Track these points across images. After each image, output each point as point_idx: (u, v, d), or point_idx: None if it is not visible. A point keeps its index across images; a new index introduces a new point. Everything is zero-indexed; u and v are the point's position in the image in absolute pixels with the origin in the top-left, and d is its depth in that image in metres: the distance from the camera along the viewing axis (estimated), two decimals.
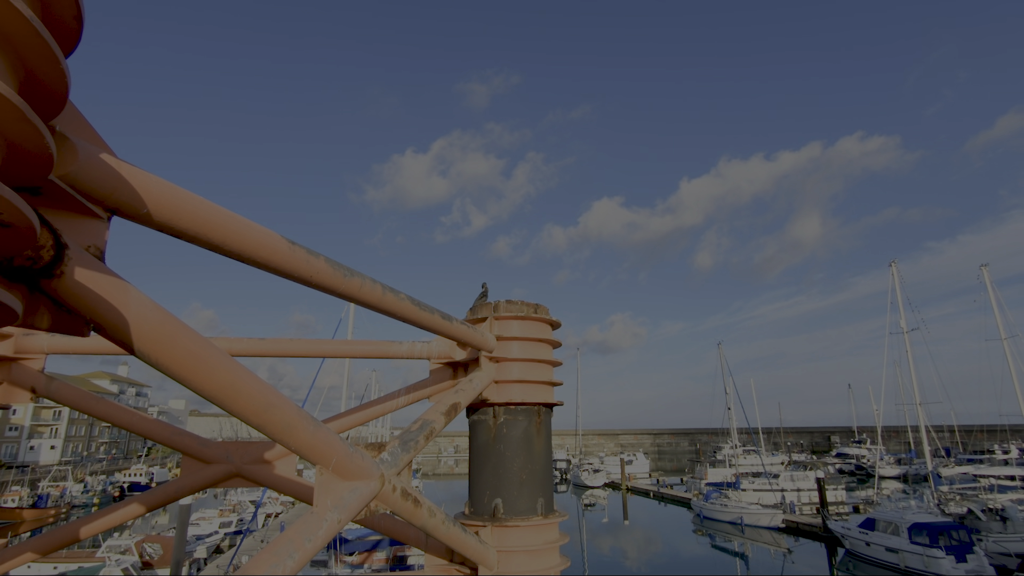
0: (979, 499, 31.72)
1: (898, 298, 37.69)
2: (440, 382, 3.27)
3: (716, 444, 75.50)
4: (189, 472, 3.01)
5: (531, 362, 3.10)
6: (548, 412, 3.18)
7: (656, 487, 59.71)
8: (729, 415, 54.76)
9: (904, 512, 28.95)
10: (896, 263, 38.19)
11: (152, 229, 1.24)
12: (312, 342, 3.30)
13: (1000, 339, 34.44)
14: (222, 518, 37.45)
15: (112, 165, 1.09)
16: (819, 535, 35.29)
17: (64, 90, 0.90)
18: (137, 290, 1.13)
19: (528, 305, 3.17)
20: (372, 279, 1.93)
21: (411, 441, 2.16)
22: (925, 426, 36.03)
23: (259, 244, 1.43)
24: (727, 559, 34.28)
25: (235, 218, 1.36)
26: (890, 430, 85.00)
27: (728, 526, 40.09)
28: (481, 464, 3.00)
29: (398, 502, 2.01)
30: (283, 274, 1.58)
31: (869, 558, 29.07)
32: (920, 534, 26.45)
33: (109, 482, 67.10)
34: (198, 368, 1.25)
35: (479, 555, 2.62)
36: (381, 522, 2.94)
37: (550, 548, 2.92)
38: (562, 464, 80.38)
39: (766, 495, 44.76)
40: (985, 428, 67.41)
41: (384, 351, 3.28)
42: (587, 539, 39.46)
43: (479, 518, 2.90)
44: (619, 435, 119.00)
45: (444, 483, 75.12)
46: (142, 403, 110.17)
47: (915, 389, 36.51)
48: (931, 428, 37.00)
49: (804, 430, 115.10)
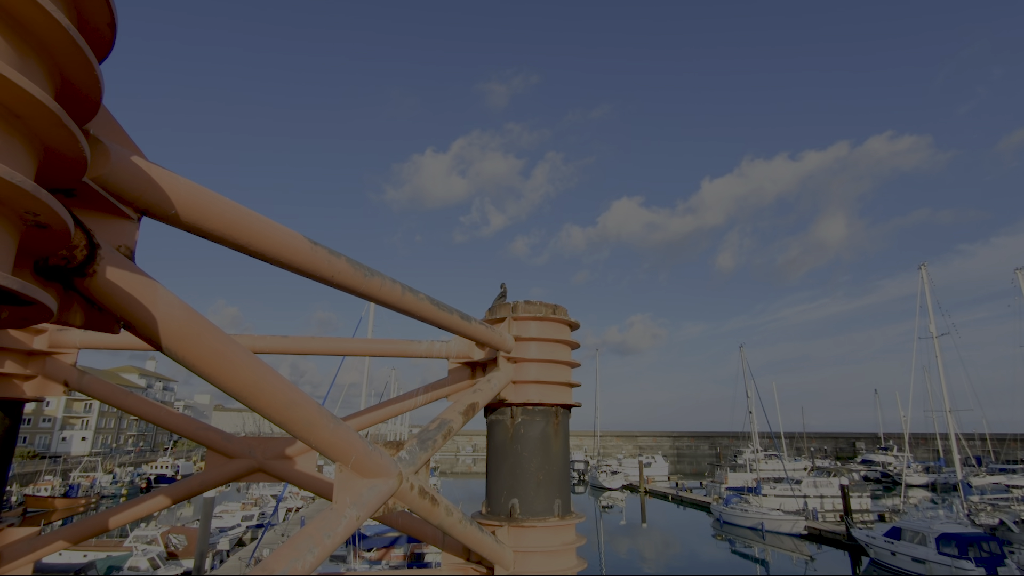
0: (1012, 510, 30.69)
1: (928, 302, 36.70)
2: (458, 381, 3.29)
3: (737, 448, 74.40)
4: (213, 466, 3.08)
5: (549, 363, 3.10)
6: (566, 413, 3.17)
7: (675, 490, 59.13)
8: (750, 419, 53.89)
9: (932, 522, 28.18)
10: (926, 266, 37.19)
11: (181, 230, 1.27)
12: (333, 340, 3.34)
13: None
14: (244, 511, 38.18)
15: (142, 167, 1.12)
16: (842, 543, 34.53)
17: (98, 95, 0.93)
18: (165, 289, 1.16)
19: (546, 306, 3.17)
20: (392, 279, 1.96)
21: (429, 440, 2.18)
22: (955, 434, 34.99)
23: (282, 244, 1.46)
24: (747, 565, 33.77)
25: (259, 219, 1.39)
26: (918, 437, 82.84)
27: (748, 531, 39.47)
28: (498, 464, 3.01)
29: (416, 500, 2.03)
30: (305, 274, 1.61)
31: (894, 568, 28.34)
32: (948, 545, 25.69)
33: (137, 474, 68.91)
34: (222, 365, 1.28)
35: (495, 555, 2.62)
36: (399, 520, 2.96)
37: (567, 549, 2.92)
38: (580, 465, 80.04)
39: (788, 501, 43.93)
40: (1019, 437, 65.20)
41: (403, 350, 3.31)
42: (604, 541, 39.22)
43: (496, 518, 2.91)
44: (638, 437, 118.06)
45: (462, 482, 75.42)
46: (168, 397, 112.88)
47: (945, 395, 35.53)
48: (961, 436, 35.94)
49: (828, 435, 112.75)
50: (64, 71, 0.88)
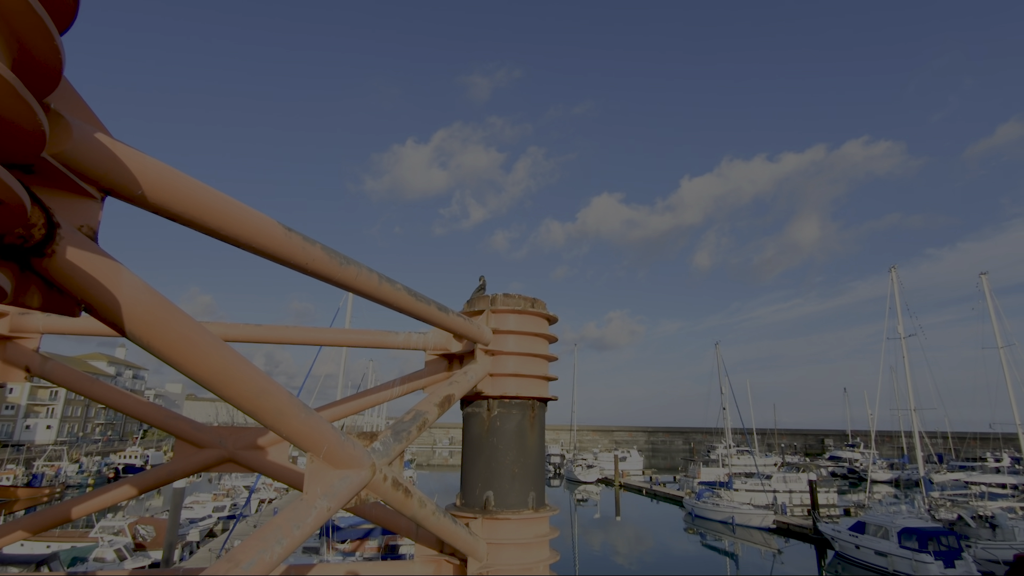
0: (969, 506, 31.90)
1: (897, 304, 37.71)
2: (435, 373, 3.27)
3: (710, 443, 75.80)
4: (182, 456, 3.01)
5: (527, 356, 3.10)
6: (542, 407, 3.18)
7: (649, 484, 60.02)
8: (724, 415, 54.93)
9: (895, 516, 29.11)
10: (896, 268, 38.19)
11: (148, 211, 1.23)
12: (309, 330, 3.29)
13: (997, 347, 34.53)
14: (216, 502, 37.65)
15: (107, 145, 1.08)
16: (809, 537, 35.49)
17: (58, 66, 0.89)
18: (130, 272, 1.12)
19: (525, 299, 3.17)
20: (368, 268, 1.93)
21: (403, 431, 2.16)
22: (919, 432, 36.14)
23: (255, 229, 1.42)
24: (717, 558, 34.48)
25: (231, 202, 1.35)
26: (884, 435, 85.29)
27: (719, 525, 40.30)
28: (474, 456, 3.01)
29: (389, 492, 2.01)
30: (279, 260, 1.57)
31: (858, 561, 29.24)
32: (909, 539, 26.60)
33: (104, 463, 67.32)
34: (190, 352, 1.24)
35: (469, 546, 2.62)
36: (372, 511, 2.94)
37: (540, 541, 2.93)
38: (556, 459, 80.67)
39: (758, 496, 44.95)
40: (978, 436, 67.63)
41: (380, 341, 3.27)
42: (579, 534, 39.65)
43: (470, 510, 2.91)
44: (614, 431, 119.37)
45: (438, 474, 75.44)
46: (139, 386, 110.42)
47: (910, 395, 36.61)
48: (924, 434, 37.16)
49: (799, 432, 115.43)
50: (22, 39, 0.84)
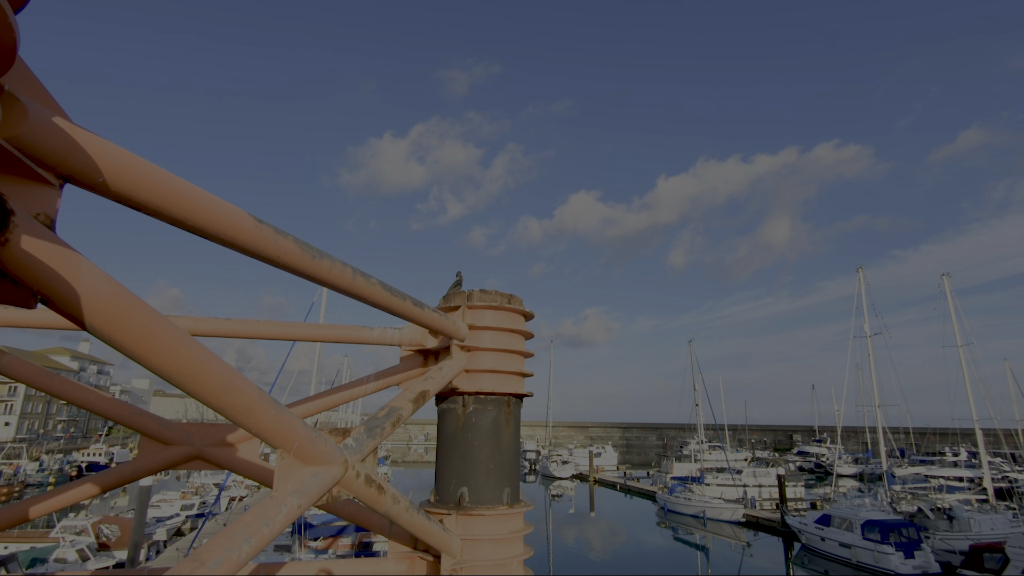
0: (929, 499, 33.11)
1: (863, 303, 38.83)
2: (410, 369, 3.24)
3: (683, 439, 76.97)
4: (147, 453, 2.93)
5: (503, 352, 3.09)
6: (518, 403, 3.18)
7: (623, 480, 60.71)
8: (697, 411, 55.81)
9: (858, 509, 30.04)
10: (863, 269, 39.29)
11: (110, 200, 1.19)
12: (281, 324, 3.23)
13: (956, 346, 35.77)
14: (184, 500, 36.81)
15: (66, 130, 1.03)
16: (777, 530, 36.39)
17: (12, 45, 0.85)
18: (89, 262, 1.08)
19: (502, 295, 3.16)
20: (342, 262, 1.90)
21: (377, 427, 2.14)
22: (882, 427, 37.32)
23: (224, 220, 1.38)
24: (688, 551, 35.09)
25: (198, 192, 1.31)
26: (849, 430, 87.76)
27: (691, 519, 41.02)
28: (448, 452, 3.00)
29: (361, 488, 1.99)
30: (249, 253, 1.54)
31: (824, 553, 30.10)
32: (872, 531, 27.49)
33: (66, 461, 65.21)
34: (154, 346, 1.21)
35: (443, 543, 2.61)
36: (345, 508, 2.91)
37: (514, 537, 2.94)
38: (531, 455, 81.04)
39: (729, 490, 45.91)
40: (938, 431, 70.15)
41: (355, 336, 3.23)
42: (553, 529, 39.93)
43: (444, 506, 2.90)
44: (589, 428, 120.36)
45: (413, 471, 75.08)
46: (103, 381, 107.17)
47: (875, 391, 37.76)
48: (888, 429, 38.32)
49: (768, 428, 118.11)
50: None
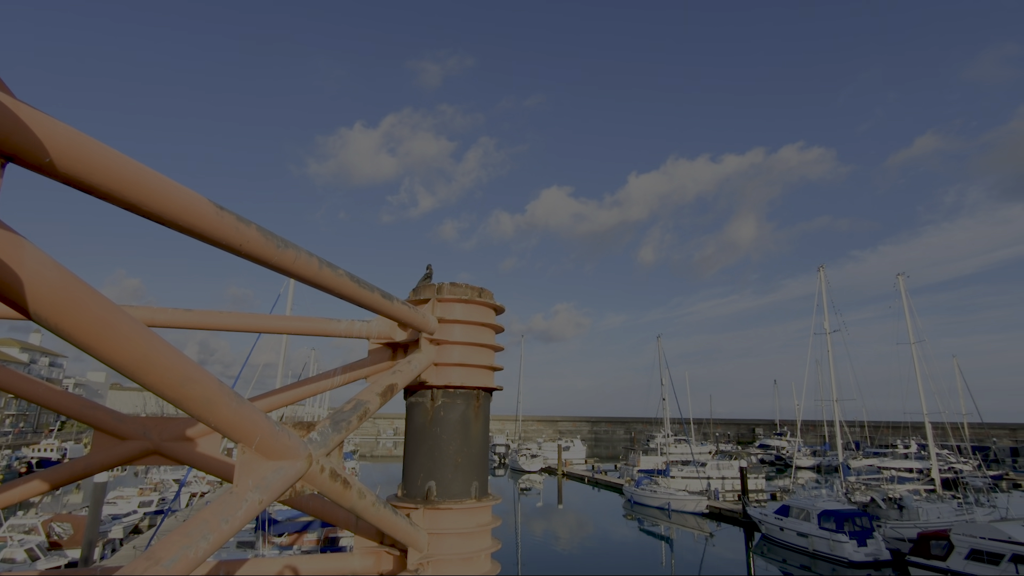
0: (881, 489, 34.56)
1: (824, 301, 40.12)
2: (379, 362, 3.20)
3: (650, 433, 78.35)
4: (101, 448, 2.81)
5: (473, 346, 3.08)
6: (487, 396, 3.18)
7: (591, 473, 61.49)
8: (664, 405, 56.86)
9: (815, 500, 31.15)
10: (824, 268, 40.58)
11: (57, 181, 1.12)
12: (245, 316, 3.14)
13: (910, 343, 37.29)
14: (142, 497, 35.68)
15: (8, 105, 0.97)
16: (739, 521, 37.46)
17: None
18: (34, 247, 1.02)
19: (472, 289, 3.14)
20: (308, 252, 1.85)
21: (343, 421, 2.10)
22: (839, 421, 38.72)
23: (182, 206, 1.32)
24: (653, 542, 35.85)
25: (155, 176, 1.25)
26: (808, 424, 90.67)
27: (656, 511, 41.87)
28: (416, 446, 2.97)
29: (326, 483, 1.95)
30: (210, 240, 1.48)
31: (782, 542, 31.14)
32: (828, 520, 28.56)
33: (15, 457, 62.36)
34: (105, 336, 1.15)
35: (409, 537, 2.59)
36: (309, 503, 2.86)
37: (482, 530, 2.93)
38: (501, 449, 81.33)
39: (693, 482, 47.01)
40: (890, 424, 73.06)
41: (322, 328, 3.17)
42: (521, 522, 40.22)
43: (412, 500, 2.88)
44: (558, 422, 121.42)
45: (382, 465, 74.52)
46: (56, 374, 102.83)
47: (833, 386, 39.13)
48: (844, 423, 39.78)
49: (732, 422, 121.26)
50: None
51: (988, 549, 21.66)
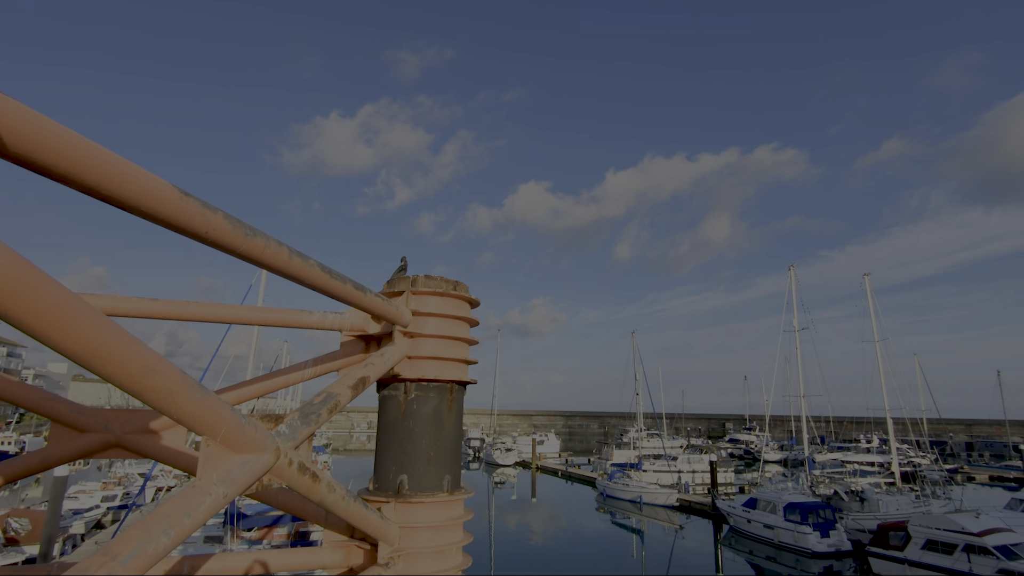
0: (844, 482, 35.67)
1: (793, 299, 41.09)
2: (351, 355, 3.16)
3: (623, 427, 79.39)
4: (59, 441, 2.72)
5: (447, 339, 3.06)
6: (461, 390, 3.16)
7: (565, 467, 62.04)
8: (637, 400, 57.64)
9: (782, 493, 32.01)
10: (794, 267, 41.53)
11: (9, 162, 1.07)
12: (213, 306, 3.06)
13: (874, 341, 38.46)
14: (105, 491, 34.70)
15: None
16: (708, 513, 38.28)
17: None
18: None
19: (447, 282, 3.12)
20: (278, 241, 1.80)
21: (313, 414, 2.07)
22: (806, 416, 39.79)
23: (144, 191, 1.28)
24: (625, 535, 36.36)
25: (115, 158, 1.20)
26: (776, 419, 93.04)
27: (628, 504, 42.50)
28: (388, 440, 2.95)
29: (294, 476, 1.92)
30: (173, 227, 1.43)
31: (749, 534, 31.92)
32: (793, 513, 29.38)
33: None
34: (60, 324, 1.10)
35: (380, 531, 2.57)
36: (278, 497, 2.81)
37: (454, 524, 2.93)
38: (476, 443, 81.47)
39: (664, 476, 47.83)
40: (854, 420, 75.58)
41: (293, 320, 3.11)
42: (495, 516, 40.38)
43: (383, 494, 2.85)
44: (533, 416, 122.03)
45: (355, 459, 73.91)
46: (14, 364, 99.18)
47: (800, 383, 40.16)
48: (810, 418, 40.88)
49: (703, 417, 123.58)
50: None
51: (943, 540, 22.56)
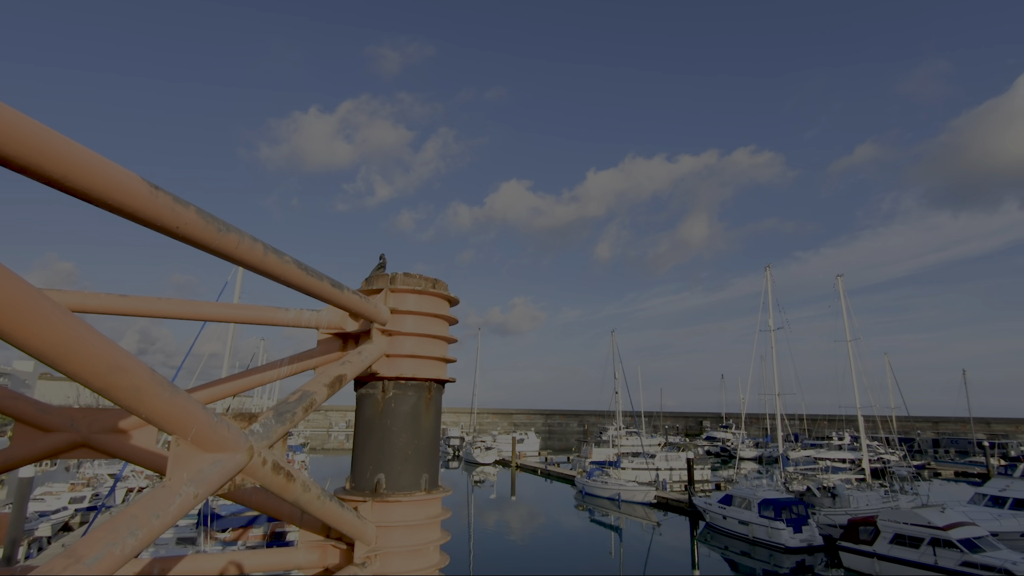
0: (816, 478, 36.50)
1: (769, 300, 41.86)
2: (328, 353, 3.12)
3: (602, 425, 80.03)
4: (22, 441, 2.63)
5: (425, 337, 3.04)
6: (439, 388, 3.15)
7: (544, 465, 62.26)
8: (616, 399, 58.12)
9: (756, 490, 32.59)
10: (770, 268, 42.30)
11: None
12: (186, 303, 3.00)
13: (846, 341, 39.38)
14: (73, 492, 33.78)
15: None
16: (685, 510, 38.79)
17: None
18: None
19: (426, 279, 3.11)
20: (253, 237, 1.77)
21: (288, 412, 2.03)
22: (780, 414, 40.59)
23: (111, 184, 1.24)
24: (603, 532, 36.67)
25: (80, 149, 1.16)
26: (752, 417, 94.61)
27: (607, 501, 42.85)
28: (366, 438, 2.92)
29: (268, 476, 1.89)
30: (142, 221, 1.39)
31: (725, 530, 32.45)
32: (767, 509, 29.95)
33: None
34: (22, 320, 1.06)
35: (356, 530, 2.55)
36: (252, 497, 2.77)
37: (431, 522, 2.92)
38: (456, 441, 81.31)
39: (643, 473, 48.33)
40: (827, 417, 77.27)
41: (268, 317, 3.06)
42: (474, 514, 40.37)
43: (360, 493, 2.83)
44: (513, 414, 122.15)
45: (333, 458, 73.20)
46: None
47: (775, 381, 40.93)
48: (785, 416, 41.71)
49: (680, 415, 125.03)
50: None
51: (910, 534, 23.22)
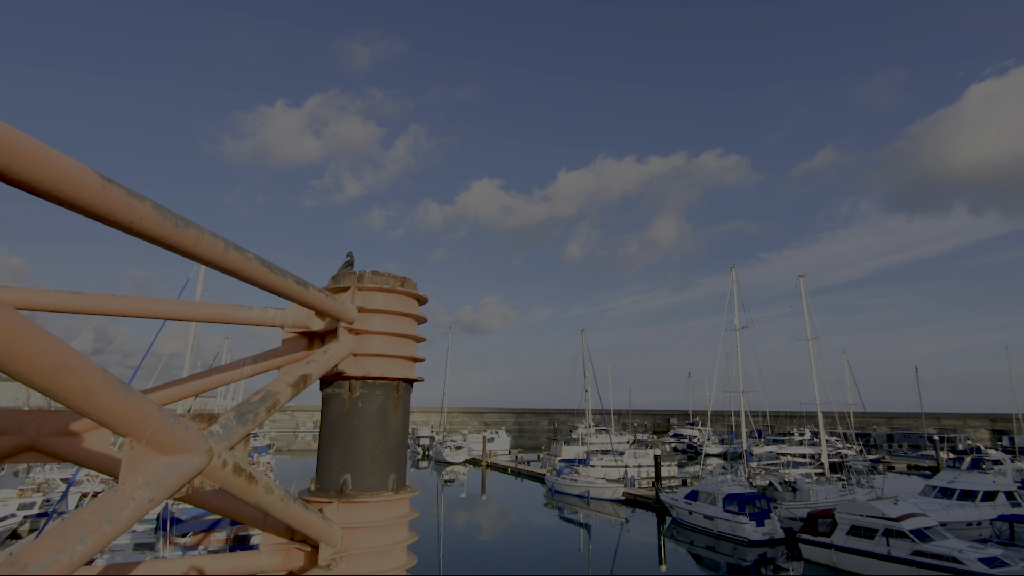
0: (778, 473, 37.59)
1: (734, 299, 42.88)
2: (293, 352, 3.06)
3: (573, 423, 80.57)
4: None
5: (393, 336, 3.01)
6: (407, 388, 3.12)
7: (514, 463, 62.41)
8: (586, 397, 58.75)
9: (721, 485, 33.36)
10: (735, 269, 43.33)
11: None
12: (144, 300, 2.89)
13: (807, 340, 40.63)
14: (22, 499, 32.27)
15: None
16: (652, 506, 39.45)
17: None
18: None
19: (395, 278, 3.07)
20: (213, 233, 1.72)
21: (249, 413, 1.99)
22: (744, 411, 41.66)
23: (60, 176, 1.19)
24: (572, 529, 36.99)
25: (25, 139, 1.11)
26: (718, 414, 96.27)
27: (576, 499, 43.23)
28: (332, 439, 2.88)
29: (229, 478, 1.84)
30: (95, 216, 1.34)
31: (691, 525, 33.13)
32: (732, 503, 30.71)
33: None
34: None
35: (321, 532, 2.51)
36: (212, 500, 2.69)
37: (399, 523, 2.89)
38: (425, 441, 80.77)
39: (611, 471, 48.93)
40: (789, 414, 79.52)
41: (231, 316, 2.98)
42: (444, 514, 40.22)
43: (326, 494, 2.78)
44: (484, 413, 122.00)
45: (300, 459, 71.88)
46: None
47: (740, 379, 41.96)
48: (749, 413, 42.86)
49: (649, 412, 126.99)
50: None
51: (865, 525, 24.12)
